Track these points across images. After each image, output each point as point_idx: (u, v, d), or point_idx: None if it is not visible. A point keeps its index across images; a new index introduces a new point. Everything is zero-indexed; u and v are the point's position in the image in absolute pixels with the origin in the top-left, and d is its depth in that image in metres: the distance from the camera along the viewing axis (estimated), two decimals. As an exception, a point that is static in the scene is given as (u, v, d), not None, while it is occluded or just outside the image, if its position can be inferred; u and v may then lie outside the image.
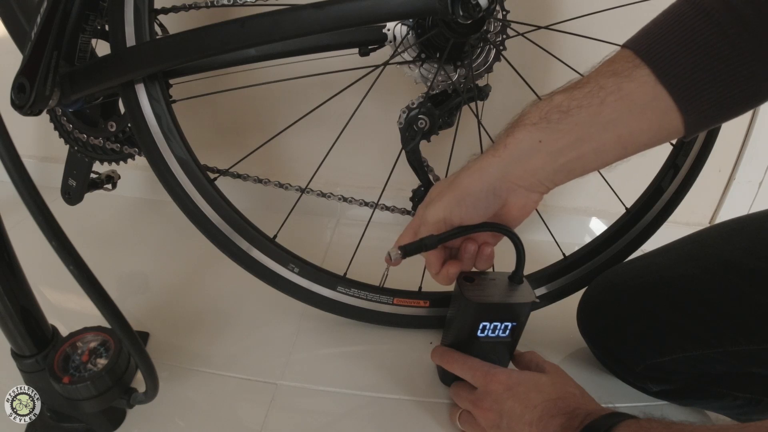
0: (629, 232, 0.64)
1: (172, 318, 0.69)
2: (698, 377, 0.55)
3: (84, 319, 0.51)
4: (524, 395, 0.46)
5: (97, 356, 0.47)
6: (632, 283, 0.58)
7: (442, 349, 0.57)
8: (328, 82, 0.63)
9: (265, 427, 0.54)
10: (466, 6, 0.46)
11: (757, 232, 0.52)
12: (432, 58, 0.56)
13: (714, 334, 0.50)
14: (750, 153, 0.88)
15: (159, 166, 0.55)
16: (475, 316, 0.52)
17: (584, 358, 0.65)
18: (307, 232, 0.91)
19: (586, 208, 0.95)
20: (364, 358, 0.64)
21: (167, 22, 0.60)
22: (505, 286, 0.53)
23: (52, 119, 0.67)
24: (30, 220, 0.33)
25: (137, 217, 0.95)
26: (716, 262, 0.52)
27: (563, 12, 0.77)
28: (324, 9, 0.46)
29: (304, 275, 0.61)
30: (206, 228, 0.58)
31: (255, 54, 0.56)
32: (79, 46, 0.56)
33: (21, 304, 0.44)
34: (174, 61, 0.51)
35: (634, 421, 0.38)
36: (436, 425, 0.55)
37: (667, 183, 0.61)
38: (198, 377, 0.59)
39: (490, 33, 0.55)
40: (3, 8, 0.59)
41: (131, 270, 0.79)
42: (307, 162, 0.72)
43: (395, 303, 0.65)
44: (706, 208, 0.96)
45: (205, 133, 0.93)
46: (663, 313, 0.54)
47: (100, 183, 0.74)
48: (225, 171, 0.61)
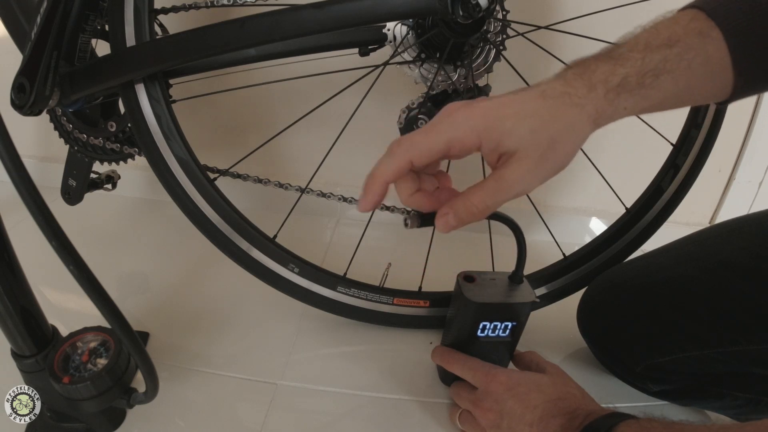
0: (629, 232, 0.64)
1: (172, 318, 0.69)
2: (698, 377, 0.55)
3: (84, 319, 0.51)
4: (525, 395, 0.46)
5: (97, 356, 0.47)
6: (632, 283, 0.58)
7: (443, 350, 0.57)
8: (328, 82, 0.63)
9: (265, 427, 0.54)
10: (466, 6, 0.46)
11: (756, 232, 0.52)
12: (432, 58, 0.56)
13: (714, 334, 0.50)
14: (750, 153, 0.88)
15: (159, 166, 0.55)
16: (475, 316, 0.52)
17: (584, 358, 0.65)
18: (307, 232, 0.91)
19: (586, 208, 0.95)
20: (364, 358, 0.64)
21: (167, 22, 0.60)
22: (505, 285, 0.53)
23: (52, 119, 0.67)
24: (30, 220, 0.33)
25: (137, 217, 0.95)
26: (716, 262, 0.52)
27: (563, 12, 0.77)
28: (324, 9, 0.46)
29: (304, 275, 0.61)
30: (206, 228, 0.58)
31: (255, 54, 0.56)
32: (79, 46, 0.56)
33: (21, 304, 0.44)
34: (174, 61, 0.51)
35: (634, 421, 0.38)
36: (436, 425, 0.55)
37: (667, 183, 0.61)
38: (198, 377, 0.59)
39: (490, 33, 0.55)
40: (3, 8, 0.59)
41: (131, 270, 0.79)
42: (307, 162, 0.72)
43: (395, 303, 0.65)
44: (706, 208, 0.96)
45: (205, 133, 0.93)
46: (663, 313, 0.54)
47: (100, 183, 0.74)
48: (225, 171, 0.61)
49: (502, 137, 0.35)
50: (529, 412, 0.44)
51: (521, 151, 0.35)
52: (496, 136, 0.35)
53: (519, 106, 0.35)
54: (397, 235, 0.93)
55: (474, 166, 0.66)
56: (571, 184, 0.92)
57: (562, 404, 0.44)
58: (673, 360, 0.54)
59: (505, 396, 0.47)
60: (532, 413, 0.44)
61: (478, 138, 0.35)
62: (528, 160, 0.35)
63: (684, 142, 0.60)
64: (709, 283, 0.51)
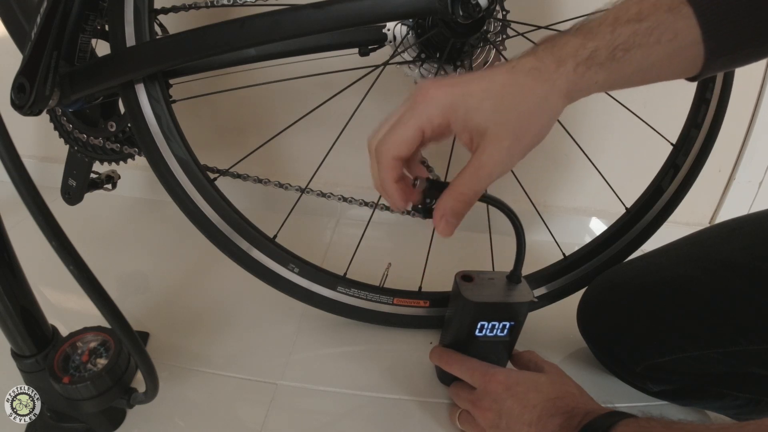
0: (629, 232, 0.64)
1: (172, 318, 0.69)
2: (698, 377, 0.55)
3: (84, 319, 0.51)
4: (523, 395, 0.46)
5: (97, 356, 0.47)
6: (632, 283, 0.58)
7: (441, 350, 0.57)
8: (328, 82, 0.63)
9: (265, 427, 0.54)
10: (466, 6, 0.46)
11: (756, 232, 0.52)
12: (432, 58, 0.56)
13: (714, 334, 0.50)
14: (750, 153, 0.88)
15: (159, 166, 0.55)
16: (473, 316, 0.52)
17: (584, 358, 0.65)
18: (307, 232, 0.91)
19: (586, 208, 0.95)
20: (364, 358, 0.64)
21: (167, 22, 0.60)
22: (503, 285, 0.53)
23: (52, 119, 0.67)
24: (30, 220, 0.33)
25: (137, 217, 0.95)
26: (716, 262, 0.52)
27: (563, 12, 0.77)
28: (324, 9, 0.46)
29: (304, 275, 0.61)
30: (206, 228, 0.58)
31: (255, 54, 0.56)
32: (79, 46, 0.56)
33: (21, 304, 0.44)
34: (174, 61, 0.51)
35: (632, 420, 0.38)
36: (435, 425, 0.55)
37: (667, 183, 0.61)
38: (198, 377, 0.59)
39: (490, 33, 0.55)
40: (3, 8, 0.59)
41: (131, 270, 0.79)
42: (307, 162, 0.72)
43: (395, 303, 0.65)
44: (706, 208, 0.96)
45: (205, 133, 0.93)
46: (663, 314, 0.54)
47: (100, 183, 0.74)
48: (225, 171, 0.61)
49: (468, 113, 0.35)
50: (527, 411, 0.44)
51: (491, 131, 0.35)
52: (462, 113, 0.35)
53: (487, 83, 0.35)
54: (397, 235, 0.93)
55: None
56: (571, 184, 0.92)
57: (561, 403, 0.44)
58: (674, 360, 0.54)
59: (503, 396, 0.47)
60: (530, 413, 0.44)
61: (445, 116, 0.35)
62: (501, 141, 0.35)
63: (684, 142, 0.60)
64: (710, 284, 0.51)
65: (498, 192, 0.65)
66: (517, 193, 0.69)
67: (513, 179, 0.66)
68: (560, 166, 0.90)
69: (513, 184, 0.67)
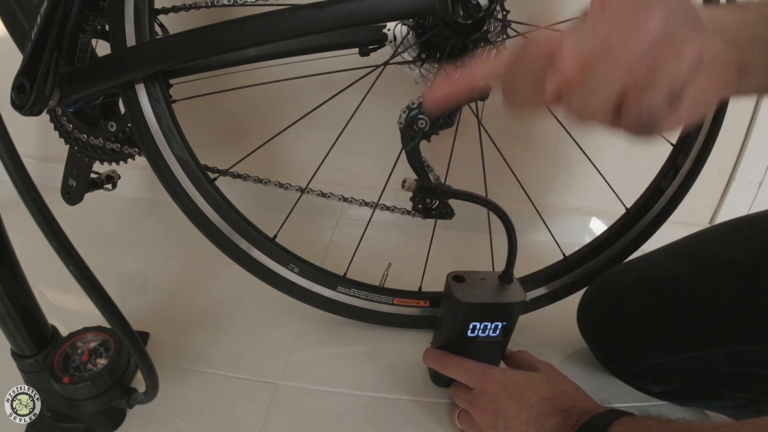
0: (629, 232, 0.64)
1: (173, 318, 0.69)
2: (698, 378, 0.55)
3: (84, 319, 0.51)
4: (520, 394, 0.46)
5: (97, 356, 0.47)
6: (632, 283, 0.58)
7: (436, 353, 0.57)
8: (328, 82, 0.63)
9: (265, 427, 0.54)
10: (466, 6, 0.46)
11: (757, 232, 0.52)
12: (432, 58, 0.56)
13: (714, 335, 0.50)
14: (750, 153, 0.88)
15: (159, 166, 0.55)
16: (465, 317, 0.52)
17: (584, 358, 0.65)
18: (307, 232, 0.91)
19: (586, 208, 0.95)
20: (364, 358, 0.64)
21: (167, 22, 0.60)
22: (495, 285, 0.53)
23: (52, 119, 0.67)
24: (30, 220, 0.33)
25: (137, 217, 0.95)
26: (716, 262, 0.52)
27: (563, 12, 0.77)
28: (324, 9, 0.46)
29: (304, 275, 0.61)
30: (206, 228, 0.58)
31: (255, 54, 0.56)
32: (79, 46, 0.56)
33: (21, 304, 0.44)
34: (174, 61, 0.51)
35: (630, 418, 0.38)
36: (435, 425, 0.55)
37: (667, 183, 0.61)
38: (198, 377, 0.59)
39: (491, 33, 0.55)
40: (3, 8, 0.59)
41: (131, 270, 0.79)
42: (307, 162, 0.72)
43: (395, 303, 0.65)
44: (706, 208, 0.96)
45: (205, 133, 0.93)
46: (663, 314, 0.54)
47: (100, 183, 0.74)
48: (225, 171, 0.61)
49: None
50: (524, 410, 0.45)
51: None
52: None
53: None
54: (397, 235, 0.93)
55: (474, 161, 0.66)
56: (572, 184, 0.92)
57: (558, 402, 0.44)
58: (674, 360, 0.54)
59: (500, 395, 0.47)
60: (527, 412, 0.44)
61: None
62: None
63: (684, 142, 0.60)
64: (710, 284, 0.51)
65: (498, 192, 0.65)
66: (517, 193, 0.69)
67: (513, 179, 0.67)
68: (560, 166, 0.90)
69: (513, 184, 0.67)
